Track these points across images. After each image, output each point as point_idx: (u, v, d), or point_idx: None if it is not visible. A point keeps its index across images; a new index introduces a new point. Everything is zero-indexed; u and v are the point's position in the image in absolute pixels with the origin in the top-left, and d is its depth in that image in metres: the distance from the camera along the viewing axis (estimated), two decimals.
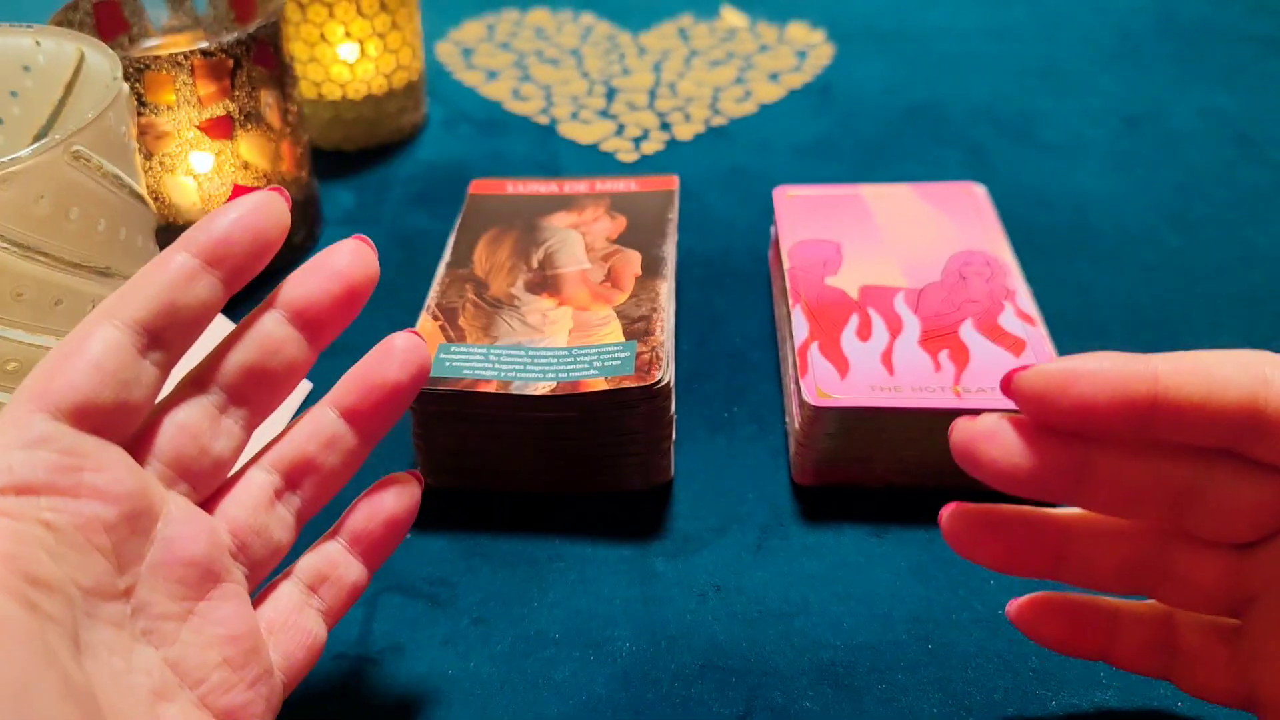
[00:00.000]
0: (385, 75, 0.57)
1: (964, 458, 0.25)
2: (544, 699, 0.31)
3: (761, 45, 0.71)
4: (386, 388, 0.28)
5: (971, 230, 0.43)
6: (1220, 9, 0.74)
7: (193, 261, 0.25)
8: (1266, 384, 0.22)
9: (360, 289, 0.27)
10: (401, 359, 0.28)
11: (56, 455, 0.22)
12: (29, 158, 0.31)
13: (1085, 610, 0.28)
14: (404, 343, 0.28)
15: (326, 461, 0.28)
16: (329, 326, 0.27)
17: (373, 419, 0.28)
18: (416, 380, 0.28)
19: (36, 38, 0.38)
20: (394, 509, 0.29)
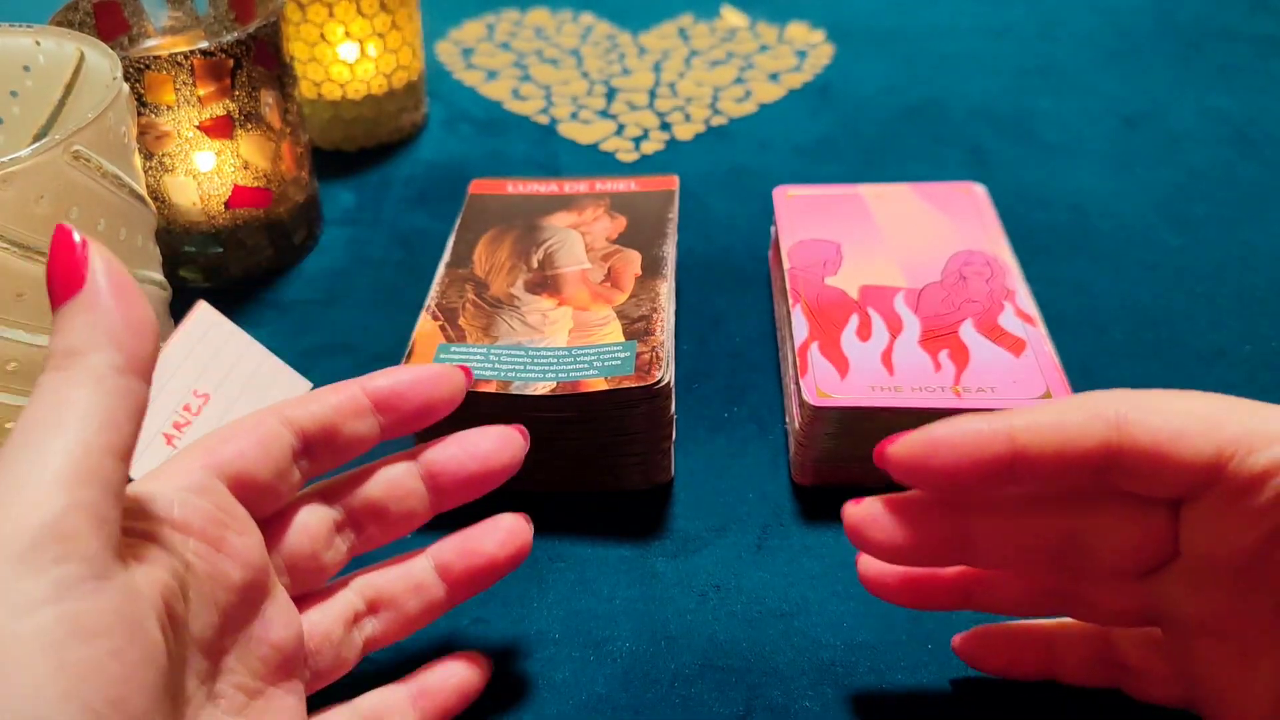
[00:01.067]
0: (385, 75, 0.57)
1: (854, 538, 0.27)
2: (544, 699, 0.31)
3: (761, 45, 0.71)
4: (483, 557, 0.29)
5: (971, 230, 0.43)
6: (1220, 8, 0.74)
7: (365, 401, 0.28)
8: (1118, 427, 0.23)
9: (496, 475, 0.29)
10: (505, 538, 0.30)
11: (213, 508, 0.24)
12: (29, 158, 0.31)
13: (1022, 636, 0.30)
14: (509, 524, 0.30)
15: (408, 604, 0.29)
16: (452, 496, 0.29)
17: (462, 580, 0.29)
18: (514, 559, 0.30)
19: (36, 38, 0.38)
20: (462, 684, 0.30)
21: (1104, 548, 0.25)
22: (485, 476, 0.29)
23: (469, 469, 0.29)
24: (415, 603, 0.29)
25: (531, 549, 0.30)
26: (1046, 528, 0.26)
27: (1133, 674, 0.28)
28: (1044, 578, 0.28)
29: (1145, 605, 0.26)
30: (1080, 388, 0.41)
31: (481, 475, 0.29)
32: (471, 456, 0.29)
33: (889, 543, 0.26)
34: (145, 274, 0.37)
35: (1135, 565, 0.25)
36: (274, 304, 0.48)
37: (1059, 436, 0.24)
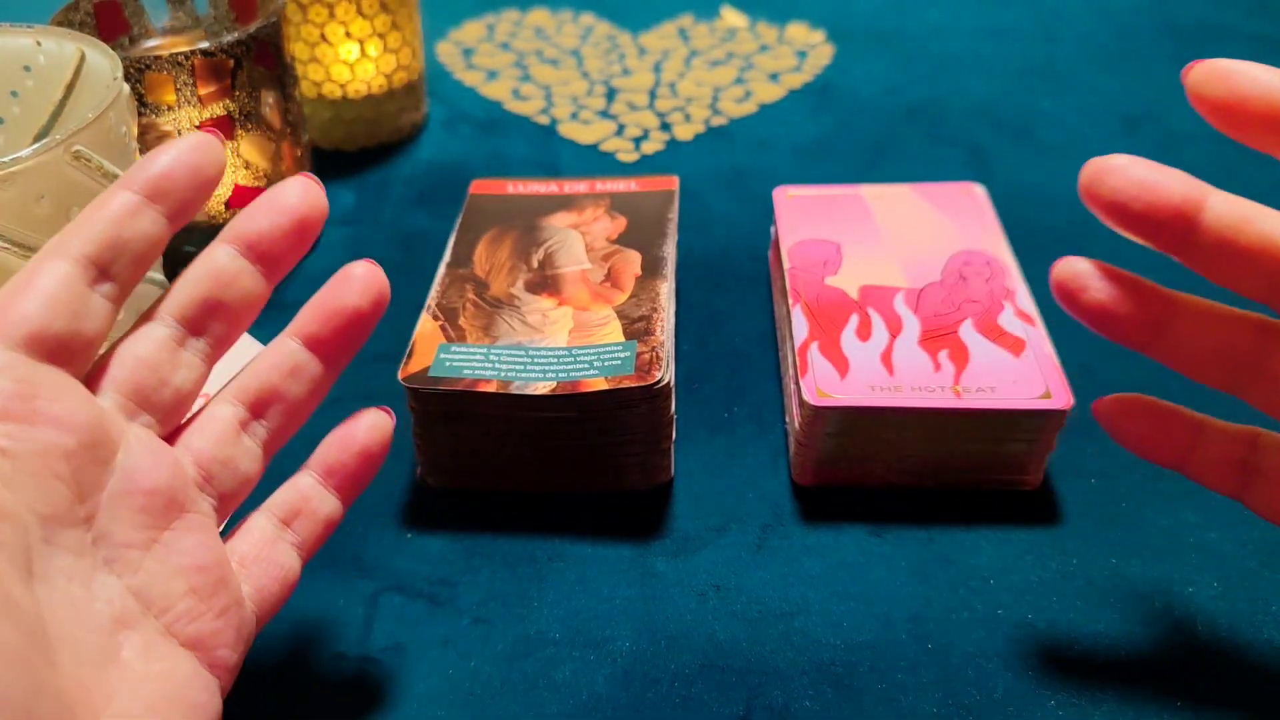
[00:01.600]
0: (385, 75, 0.57)
1: (1086, 192, 0.27)
2: (544, 699, 0.31)
3: (761, 45, 0.71)
4: (347, 313, 0.28)
5: (971, 230, 0.43)
6: (1220, 9, 0.74)
7: (134, 198, 0.25)
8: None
9: (310, 223, 0.28)
10: (361, 285, 0.29)
11: (11, 383, 0.22)
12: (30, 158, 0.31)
13: (1171, 414, 0.29)
14: (362, 270, 0.29)
15: (291, 390, 0.28)
16: (282, 260, 0.28)
17: (335, 345, 0.29)
18: (377, 306, 0.29)
19: (37, 38, 0.38)
20: (366, 441, 0.29)
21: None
22: (302, 225, 0.28)
23: (283, 224, 0.27)
24: (297, 386, 0.28)
25: (390, 298, 0.29)
26: (1277, 230, 0.25)
27: (1266, 486, 0.27)
28: (1244, 332, 0.27)
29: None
30: (1080, 388, 0.41)
31: (298, 225, 0.28)
32: (279, 211, 0.27)
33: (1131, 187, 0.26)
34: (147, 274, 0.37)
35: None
36: (275, 304, 0.48)
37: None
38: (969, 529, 0.36)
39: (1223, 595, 0.34)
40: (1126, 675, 0.31)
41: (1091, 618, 0.33)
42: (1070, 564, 0.35)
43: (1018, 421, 0.35)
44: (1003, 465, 0.37)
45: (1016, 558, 0.35)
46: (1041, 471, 0.37)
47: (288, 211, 0.27)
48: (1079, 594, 0.34)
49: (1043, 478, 0.37)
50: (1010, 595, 0.34)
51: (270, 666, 0.32)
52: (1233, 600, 0.34)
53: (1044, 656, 0.32)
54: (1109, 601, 0.34)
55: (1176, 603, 0.34)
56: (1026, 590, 0.34)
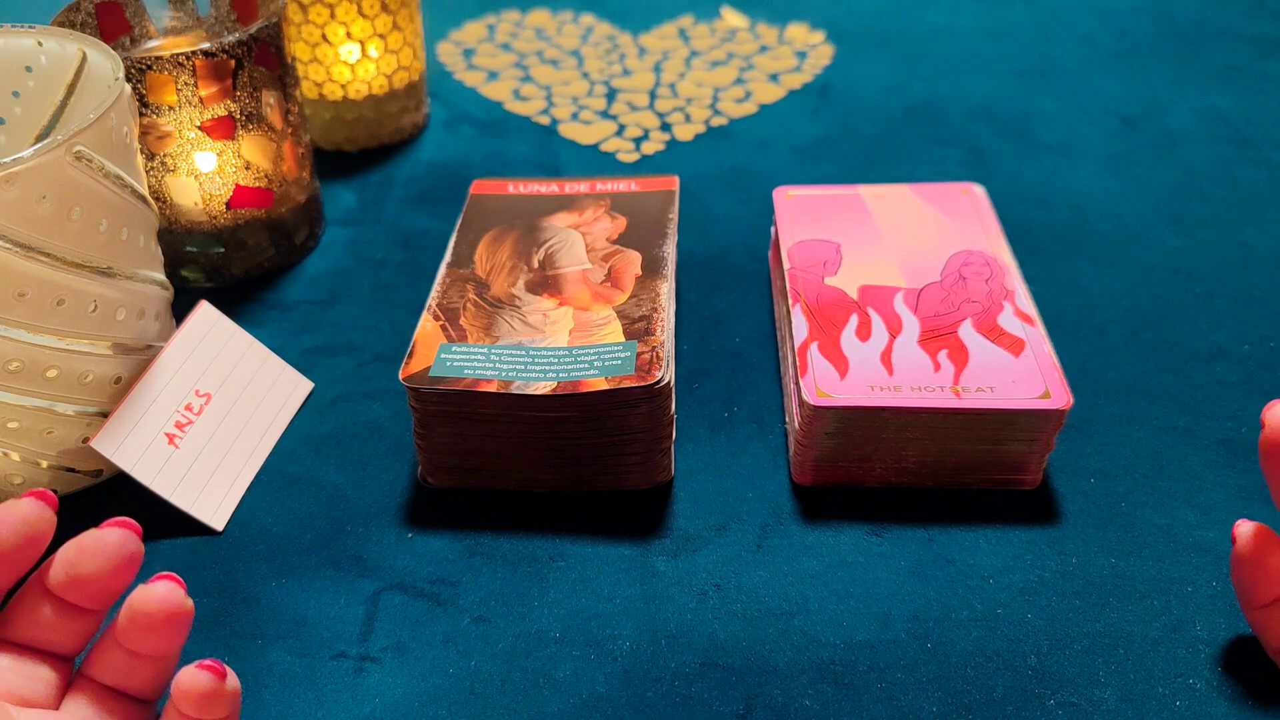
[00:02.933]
0: (386, 76, 0.58)
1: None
2: (545, 697, 0.31)
3: (761, 46, 0.72)
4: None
5: (970, 230, 0.43)
6: (1218, 9, 0.75)
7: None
8: None
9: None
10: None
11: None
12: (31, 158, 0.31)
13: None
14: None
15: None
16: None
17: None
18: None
19: (39, 38, 0.38)
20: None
21: None
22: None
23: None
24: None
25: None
26: None
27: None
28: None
29: None
30: (1079, 388, 0.42)
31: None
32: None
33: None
34: (147, 274, 0.37)
35: None
36: (275, 304, 0.48)
37: None
38: (968, 529, 0.36)
39: (1221, 594, 0.34)
40: (1125, 674, 0.31)
41: (1090, 617, 0.33)
42: (1069, 564, 0.35)
43: (1017, 421, 0.35)
44: (1002, 465, 0.37)
45: (1016, 557, 0.35)
46: (1040, 471, 0.37)
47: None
48: (1078, 593, 0.34)
49: (1042, 478, 0.38)
50: (1010, 595, 0.34)
51: (272, 666, 0.33)
52: (1231, 599, 0.34)
53: (1043, 656, 0.32)
54: (1108, 601, 0.34)
55: (1175, 602, 0.34)
56: (1026, 589, 0.34)
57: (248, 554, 0.36)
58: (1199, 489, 0.38)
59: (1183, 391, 0.42)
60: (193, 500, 0.37)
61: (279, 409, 0.42)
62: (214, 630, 0.34)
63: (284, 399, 0.42)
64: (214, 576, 0.35)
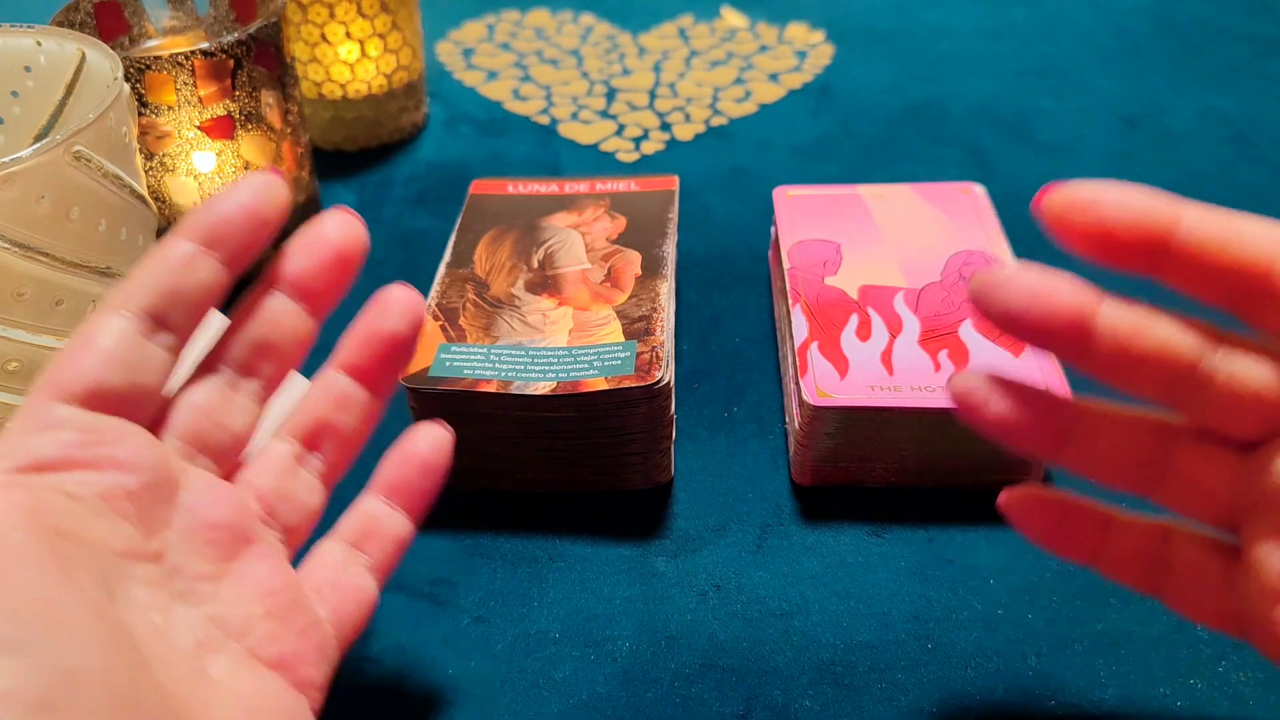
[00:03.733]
0: (386, 75, 0.57)
1: (979, 301, 0.25)
2: (544, 698, 0.31)
3: (761, 45, 0.72)
4: (388, 340, 0.28)
5: (971, 230, 0.43)
6: (1219, 9, 0.75)
7: (191, 247, 0.25)
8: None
9: (351, 257, 0.28)
10: (399, 310, 0.28)
11: (74, 434, 0.23)
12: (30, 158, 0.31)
13: (1078, 509, 0.27)
14: (399, 294, 0.29)
15: (342, 421, 0.28)
16: (326, 296, 0.28)
17: (380, 373, 0.29)
18: (415, 329, 0.29)
19: (37, 38, 0.38)
20: (426, 454, 0.29)
21: (1229, 387, 0.23)
22: (344, 261, 0.28)
23: (326, 260, 0.27)
24: (348, 416, 0.28)
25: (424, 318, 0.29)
26: (1183, 343, 0.24)
27: (1182, 581, 0.26)
28: (1150, 434, 0.25)
29: (1239, 490, 0.24)
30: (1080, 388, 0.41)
31: (340, 261, 0.28)
32: (321, 248, 0.27)
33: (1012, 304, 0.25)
34: None
35: (1255, 422, 0.24)
36: None
37: (1227, 236, 0.23)
38: (969, 529, 0.36)
39: None
40: (1126, 675, 0.31)
41: (1091, 617, 0.33)
42: (1070, 564, 0.35)
43: None
44: (1003, 465, 0.37)
45: (1016, 557, 0.35)
46: (1041, 471, 0.37)
47: (329, 249, 0.28)
48: (1079, 593, 0.34)
49: (1042, 477, 0.37)
50: (1010, 595, 0.34)
51: None
52: None
53: (1044, 656, 0.32)
54: (1109, 601, 0.34)
55: None
56: (1026, 590, 0.34)
57: None
58: None
59: None
60: None
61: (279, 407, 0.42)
62: None
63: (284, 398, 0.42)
64: None
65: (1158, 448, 0.25)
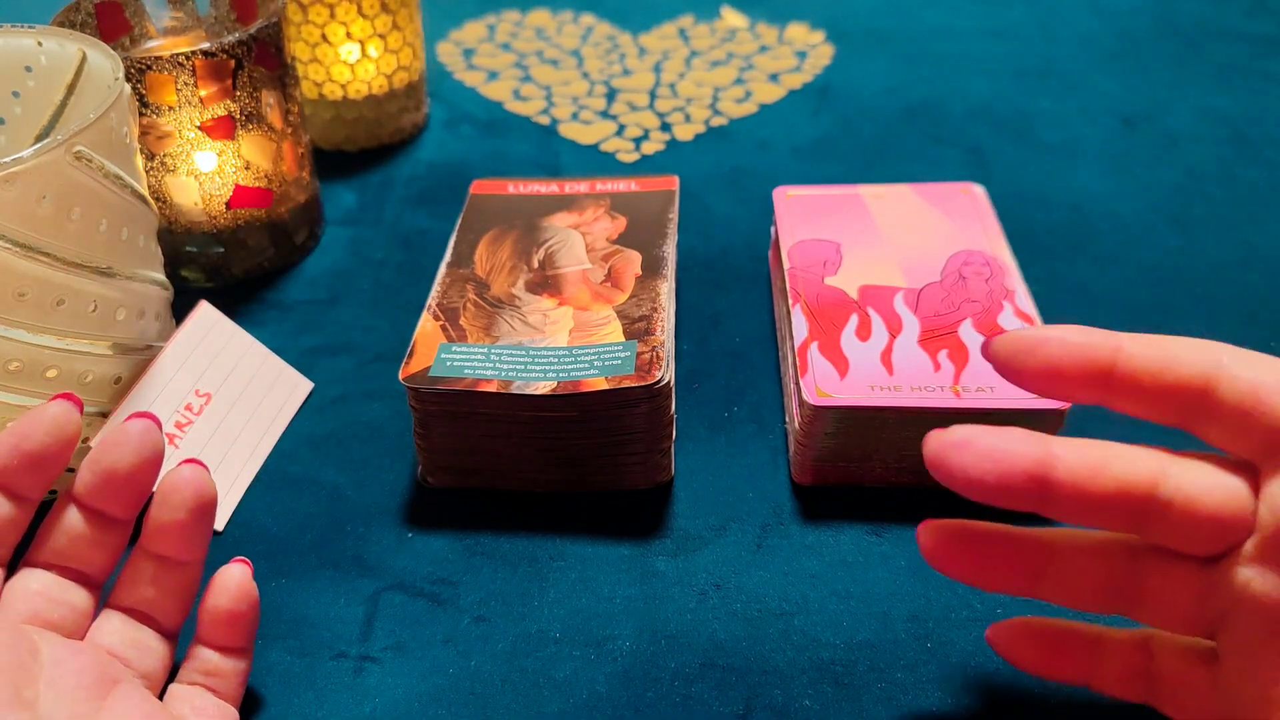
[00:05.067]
0: (386, 75, 0.58)
1: (936, 467, 0.26)
2: (545, 697, 0.31)
3: (761, 46, 0.72)
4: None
5: (970, 230, 0.43)
6: (1218, 9, 0.75)
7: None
8: (1219, 366, 0.24)
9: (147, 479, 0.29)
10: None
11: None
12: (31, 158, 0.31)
13: (1066, 636, 0.28)
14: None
15: (162, 596, 0.30)
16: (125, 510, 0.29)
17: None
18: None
19: (38, 38, 0.38)
20: (230, 606, 0.30)
21: (1184, 510, 0.24)
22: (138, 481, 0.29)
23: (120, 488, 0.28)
24: (167, 597, 0.30)
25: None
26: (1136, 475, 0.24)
27: (1170, 690, 0.27)
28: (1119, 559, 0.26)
29: (1209, 602, 0.25)
30: None
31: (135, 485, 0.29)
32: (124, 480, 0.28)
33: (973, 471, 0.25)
34: (147, 274, 0.37)
35: (1212, 537, 0.24)
36: (275, 304, 0.48)
37: (1163, 361, 0.24)
38: None
39: None
40: None
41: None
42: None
43: (1017, 421, 0.35)
44: None
45: None
46: None
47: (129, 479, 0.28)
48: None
49: None
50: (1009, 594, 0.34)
51: (272, 666, 0.33)
52: None
53: None
54: None
55: None
56: None
57: (247, 554, 0.36)
58: None
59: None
60: None
61: (279, 409, 0.42)
62: None
63: (284, 399, 0.42)
64: None
65: (1128, 571, 0.26)
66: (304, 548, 0.37)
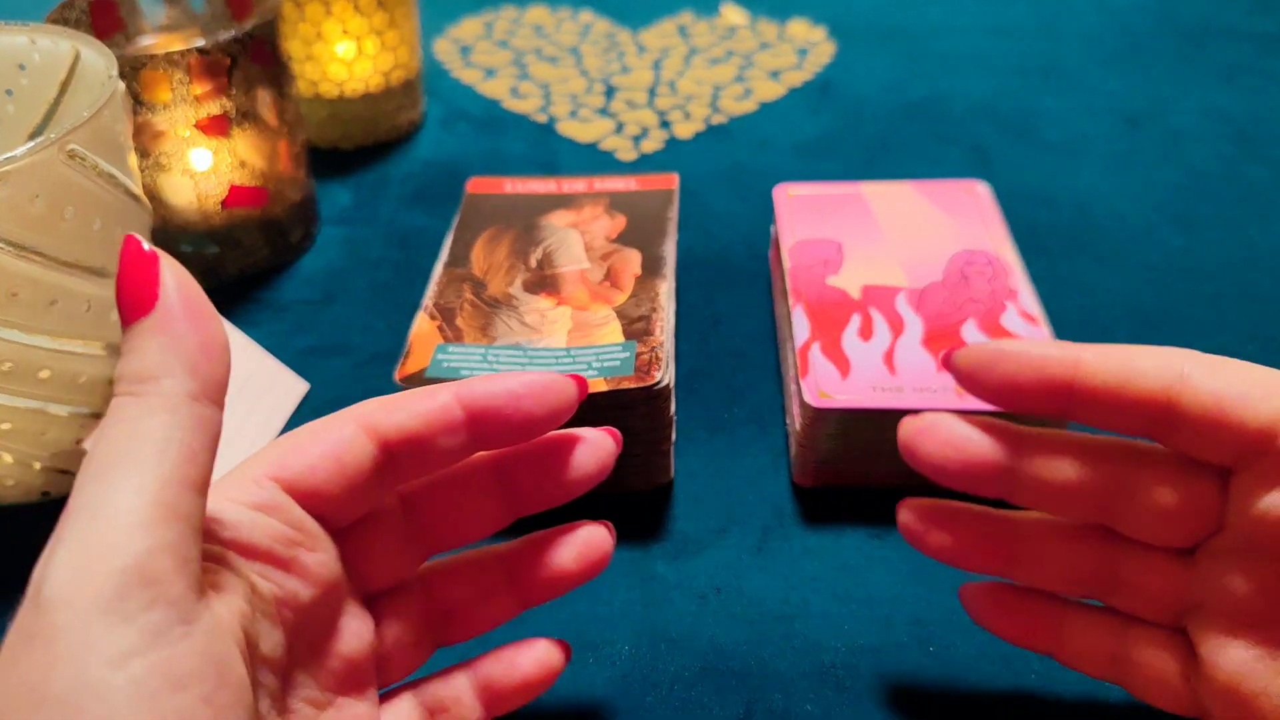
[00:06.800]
0: (382, 73, 0.57)
1: (905, 451, 0.27)
2: (542, 701, 0.31)
3: (762, 43, 0.71)
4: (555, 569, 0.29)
5: (973, 229, 0.43)
6: (1221, 7, 0.74)
7: (459, 414, 0.25)
8: (1181, 378, 0.23)
9: (580, 475, 0.28)
10: (579, 550, 0.29)
11: (282, 526, 0.23)
12: (24, 157, 0.31)
13: (1036, 607, 0.28)
14: (587, 535, 0.29)
15: (483, 614, 0.28)
16: (528, 498, 0.29)
17: (535, 587, 0.29)
18: (591, 570, 0.29)
19: (31, 35, 0.38)
20: (530, 673, 0.28)
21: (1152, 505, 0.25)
22: (565, 474, 0.28)
23: (550, 480, 0.28)
24: (486, 607, 0.28)
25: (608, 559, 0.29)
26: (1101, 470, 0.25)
27: (1141, 675, 0.27)
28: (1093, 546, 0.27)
29: (1182, 591, 0.26)
30: None
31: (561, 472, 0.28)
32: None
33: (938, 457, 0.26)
34: None
35: (1181, 532, 0.25)
36: (271, 303, 0.48)
37: (1124, 373, 0.24)
38: None
39: None
40: None
41: None
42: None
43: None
44: None
45: None
46: None
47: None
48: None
49: None
50: None
51: None
52: None
53: (1046, 660, 0.32)
54: None
55: None
56: None
57: None
58: None
59: None
60: None
61: (275, 409, 0.41)
62: None
63: (280, 399, 0.42)
64: None
65: (1103, 557, 0.27)
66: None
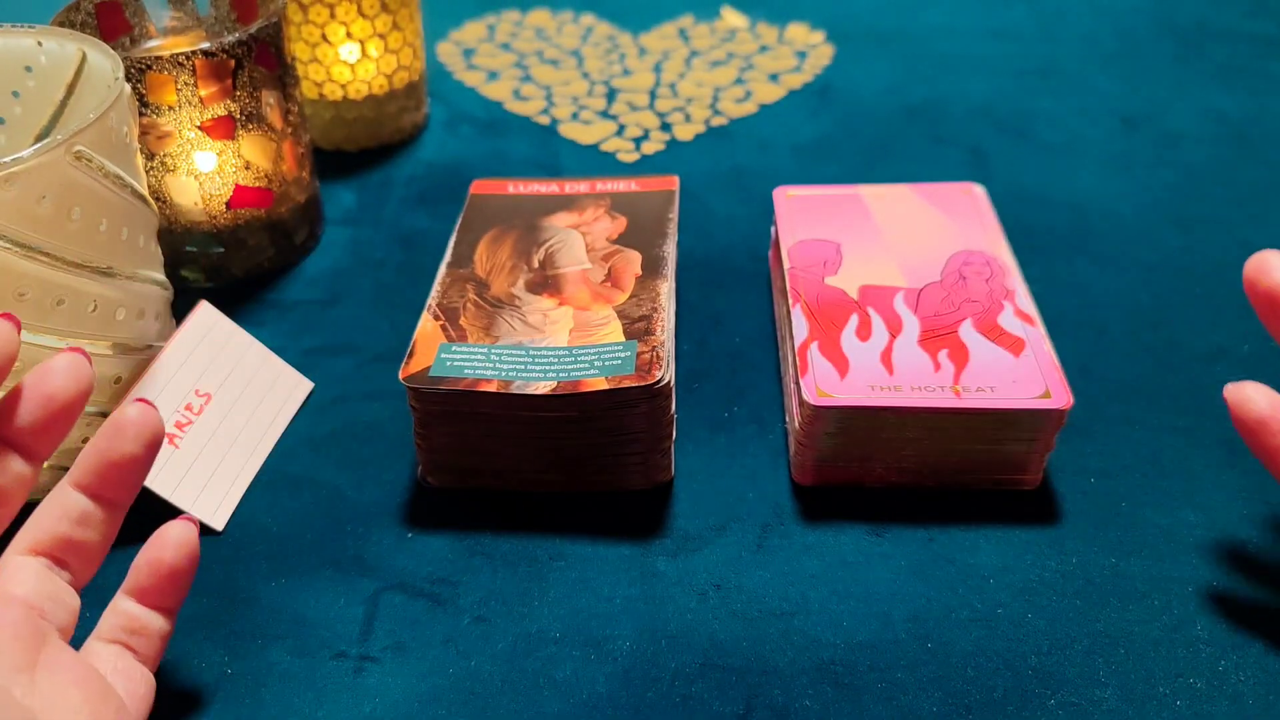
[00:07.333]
0: (386, 75, 0.57)
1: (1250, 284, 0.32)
2: (545, 697, 0.31)
3: (761, 46, 0.72)
4: (123, 463, 0.28)
5: (971, 230, 0.43)
6: (1219, 9, 0.74)
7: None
8: None
9: (70, 405, 0.28)
10: (134, 432, 0.29)
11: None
12: (31, 158, 0.31)
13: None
14: (135, 414, 0.29)
15: (84, 537, 0.29)
16: (38, 442, 0.28)
17: (115, 493, 0.29)
18: (151, 449, 0.29)
19: (38, 38, 0.38)
20: (173, 561, 0.30)
21: None
22: (58, 413, 0.28)
23: (42, 414, 0.28)
24: (89, 533, 0.29)
25: (163, 436, 0.29)
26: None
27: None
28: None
29: None
30: (1080, 388, 0.41)
31: (55, 413, 0.28)
32: (40, 398, 0.28)
33: None
34: (147, 274, 0.37)
35: None
36: (275, 304, 0.48)
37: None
38: (968, 528, 0.36)
39: (1222, 594, 0.34)
40: (1126, 674, 0.31)
41: (1091, 617, 0.33)
42: (1069, 563, 0.35)
43: (1017, 421, 0.35)
44: (1002, 465, 0.37)
45: (1016, 557, 0.35)
46: (1041, 471, 0.37)
47: (45, 397, 0.28)
48: (1078, 593, 0.34)
49: (1042, 477, 0.37)
50: (1010, 594, 0.34)
51: (272, 666, 0.33)
52: (1232, 599, 0.34)
53: (1043, 655, 0.32)
54: (1108, 601, 0.34)
55: (1175, 602, 0.34)
56: (1026, 589, 0.34)
57: (248, 554, 0.36)
58: (1199, 489, 0.38)
59: (1183, 391, 0.42)
60: (193, 500, 0.37)
61: (279, 409, 0.42)
62: (214, 630, 0.34)
63: (284, 399, 0.42)
64: (214, 576, 0.35)
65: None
66: (304, 547, 0.37)
